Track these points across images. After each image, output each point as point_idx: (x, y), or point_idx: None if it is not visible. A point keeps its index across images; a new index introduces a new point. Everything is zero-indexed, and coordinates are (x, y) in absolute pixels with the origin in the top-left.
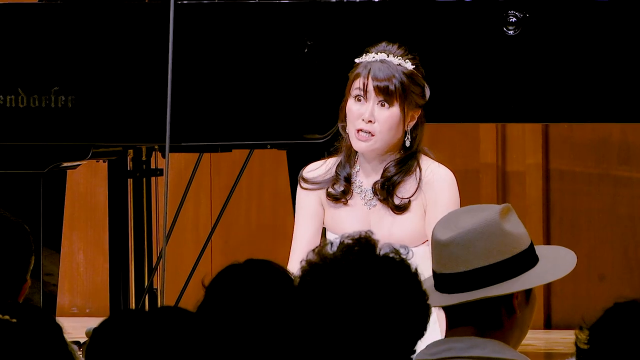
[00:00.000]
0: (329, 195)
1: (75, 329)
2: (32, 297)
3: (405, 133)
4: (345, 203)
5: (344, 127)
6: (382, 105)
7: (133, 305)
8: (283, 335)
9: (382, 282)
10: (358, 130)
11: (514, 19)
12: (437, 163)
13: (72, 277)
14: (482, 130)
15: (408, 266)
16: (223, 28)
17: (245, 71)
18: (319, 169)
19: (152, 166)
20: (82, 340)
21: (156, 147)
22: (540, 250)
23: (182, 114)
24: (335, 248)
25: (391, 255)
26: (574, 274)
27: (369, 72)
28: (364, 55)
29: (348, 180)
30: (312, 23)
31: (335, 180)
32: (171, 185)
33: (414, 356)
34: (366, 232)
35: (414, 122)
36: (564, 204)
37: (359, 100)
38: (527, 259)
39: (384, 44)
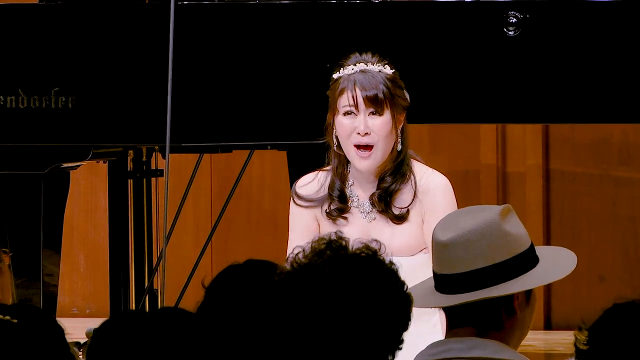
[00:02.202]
0: (328, 215)
1: (76, 329)
2: (32, 297)
3: (397, 137)
4: (345, 219)
5: (331, 145)
6: (373, 115)
7: (133, 306)
8: (282, 336)
9: (357, 280)
10: (357, 147)
11: (514, 20)
12: (430, 169)
13: (73, 277)
14: (483, 131)
15: (381, 260)
16: (223, 29)
17: (245, 72)
18: (312, 184)
19: (152, 167)
20: (82, 341)
21: (156, 147)
22: (541, 250)
23: (182, 115)
24: (307, 253)
25: (363, 251)
26: (574, 274)
27: (354, 85)
28: (341, 70)
29: (343, 198)
30: (311, 23)
31: (329, 200)
32: (171, 185)
33: (414, 357)
34: (336, 233)
35: (402, 124)
36: (564, 205)
37: (349, 114)
38: (527, 260)
39: (356, 54)
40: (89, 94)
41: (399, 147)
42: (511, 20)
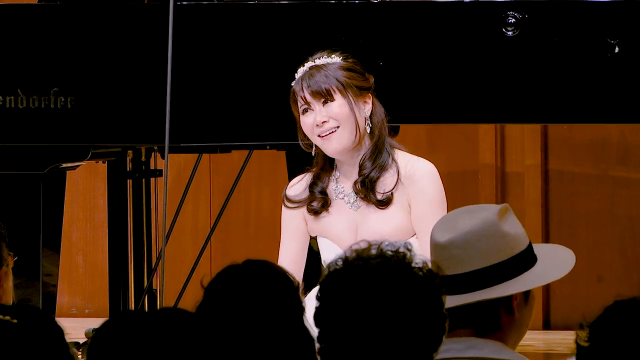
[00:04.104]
0: (309, 211)
1: (75, 329)
2: (31, 297)
3: (365, 120)
4: (328, 212)
5: (307, 145)
6: (326, 104)
7: (132, 306)
8: (282, 336)
9: (412, 300)
10: (320, 136)
11: (513, 20)
12: (415, 157)
13: (72, 277)
14: (481, 131)
15: (440, 291)
16: (222, 29)
17: (244, 72)
18: (299, 184)
19: (152, 167)
20: (81, 341)
21: (155, 147)
22: (539, 249)
23: (181, 115)
24: (374, 250)
25: (426, 274)
26: (573, 274)
27: (301, 85)
28: (296, 76)
29: (324, 193)
30: (310, 23)
31: (312, 197)
32: (170, 186)
33: None
34: (406, 245)
35: (369, 106)
36: (563, 205)
37: (306, 111)
38: (525, 260)
39: (308, 57)
40: (88, 94)
41: (368, 129)
42: (510, 21)
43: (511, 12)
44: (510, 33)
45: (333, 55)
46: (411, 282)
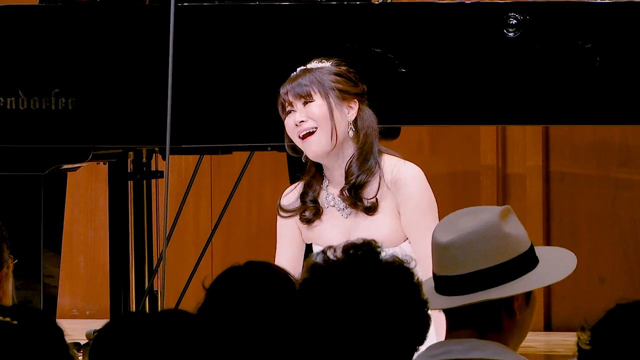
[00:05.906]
0: (302, 220)
1: (76, 330)
2: (32, 299)
3: (347, 124)
4: (321, 220)
5: (290, 147)
6: (306, 104)
7: (133, 308)
8: (283, 337)
9: (384, 288)
10: (300, 137)
11: (514, 22)
12: (402, 161)
13: (73, 279)
14: (483, 132)
15: (411, 274)
16: (223, 30)
17: (245, 73)
18: (292, 193)
19: (153, 168)
20: (82, 342)
21: (156, 149)
22: (541, 251)
23: (182, 116)
24: (339, 252)
25: (394, 262)
26: (574, 276)
27: (287, 88)
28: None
29: (315, 202)
30: (312, 25)
31: (304, 207)
32: (171, 187)
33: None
34: (370, 240)
35: (354, 111)
36: (564, 206)
37: (289, 113)
38: (527, 261)
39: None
40: (89, 95)
41: (351, 134)
42: (511, 22)
43: (512, 14)
44: (511, 34)
45: (324, 61)
46: (381, 271)
